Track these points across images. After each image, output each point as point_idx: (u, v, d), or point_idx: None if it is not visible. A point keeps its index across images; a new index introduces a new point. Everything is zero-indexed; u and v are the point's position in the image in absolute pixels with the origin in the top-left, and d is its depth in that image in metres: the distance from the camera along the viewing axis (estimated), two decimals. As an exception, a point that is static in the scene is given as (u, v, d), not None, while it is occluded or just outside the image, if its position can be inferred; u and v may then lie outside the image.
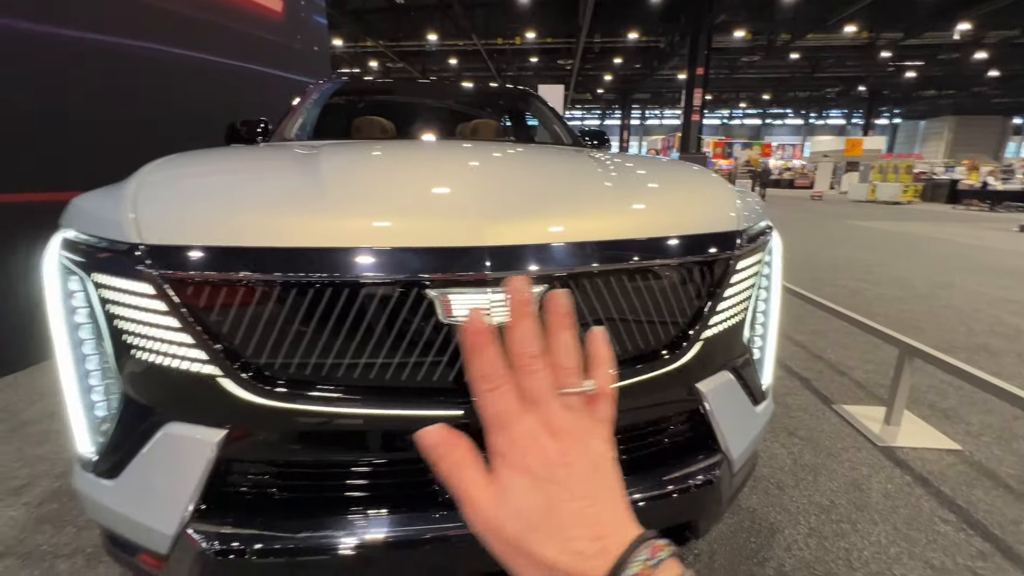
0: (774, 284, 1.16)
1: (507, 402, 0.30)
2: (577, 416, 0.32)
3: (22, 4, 2.57)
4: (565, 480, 0.29)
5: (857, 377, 2.62)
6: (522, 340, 0.31)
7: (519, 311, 0.32)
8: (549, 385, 0.31)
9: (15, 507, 1.56)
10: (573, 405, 0.32)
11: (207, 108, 3.73)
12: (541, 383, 0.31)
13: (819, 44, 19.90)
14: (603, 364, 0.35)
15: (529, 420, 0.30)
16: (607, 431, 0.33)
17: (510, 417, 0.30)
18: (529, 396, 0.31)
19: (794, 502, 1.63)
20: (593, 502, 0.29)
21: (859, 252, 6.68)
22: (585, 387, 0.32)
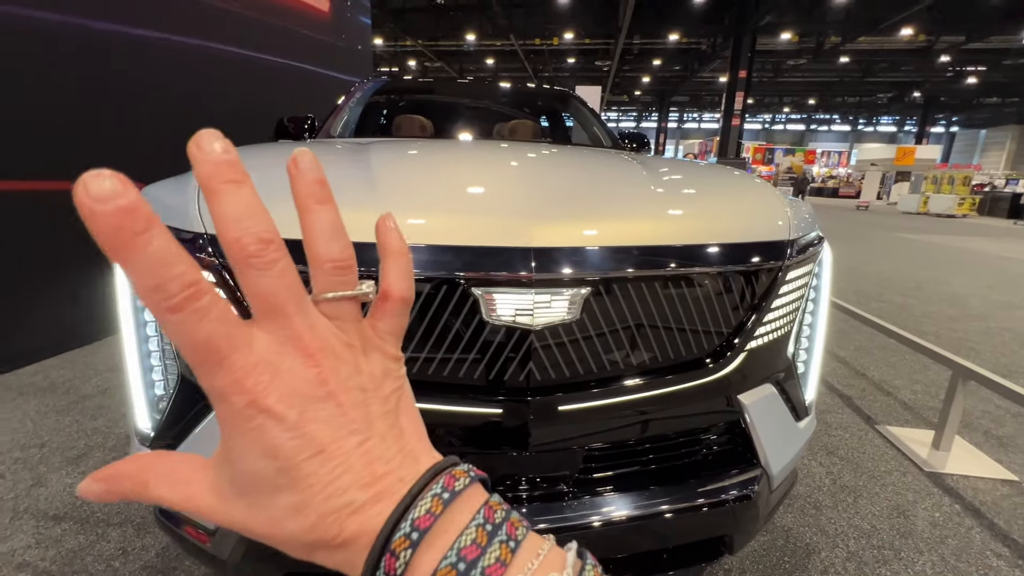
0: (822, 297, 1.12)
1: (218, 322, 0.19)
2: (343, 328, 0.22)
3: (96, 5, 2.74)
4: (324, 417, 0.20)
5: (904, 398, 2.49)
6: (241, 215, 0.19)
7: (226, 175, 0.19)
8: (294, 286, 0.20)
9: (73, 475, 1.66)
10: (339, 314, 0.22)
11: (257, 104, 3.89)
12: (280, 283, 0.20)
13: (871, 47, 19.03)
14: (393, 255, 0.25)
15: (263, 341, 0.20)
16: (393, 345, 0.24)
17: (229, 341, 0.19)
18: (262, 303, 0.20)
19: (832, 524, 1.56)
20: (365, 438, 0.21)
21: (908, 267, 6.36)
22: (360, 290, 0.23)
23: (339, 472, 0.20)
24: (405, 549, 0.19)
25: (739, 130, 17.13)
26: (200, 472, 0.21)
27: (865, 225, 12.34)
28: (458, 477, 0.22)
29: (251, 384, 0.19)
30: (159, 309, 0.18)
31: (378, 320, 0.24)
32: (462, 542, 0.20)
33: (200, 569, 1.29)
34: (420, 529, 0.20)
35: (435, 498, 0.20)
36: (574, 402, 0.84)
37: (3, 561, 1.30)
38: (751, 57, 16.23)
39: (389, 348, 0.24)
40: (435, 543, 0.20)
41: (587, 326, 0.82)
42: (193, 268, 0.18)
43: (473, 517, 0.21)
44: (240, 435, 0.19)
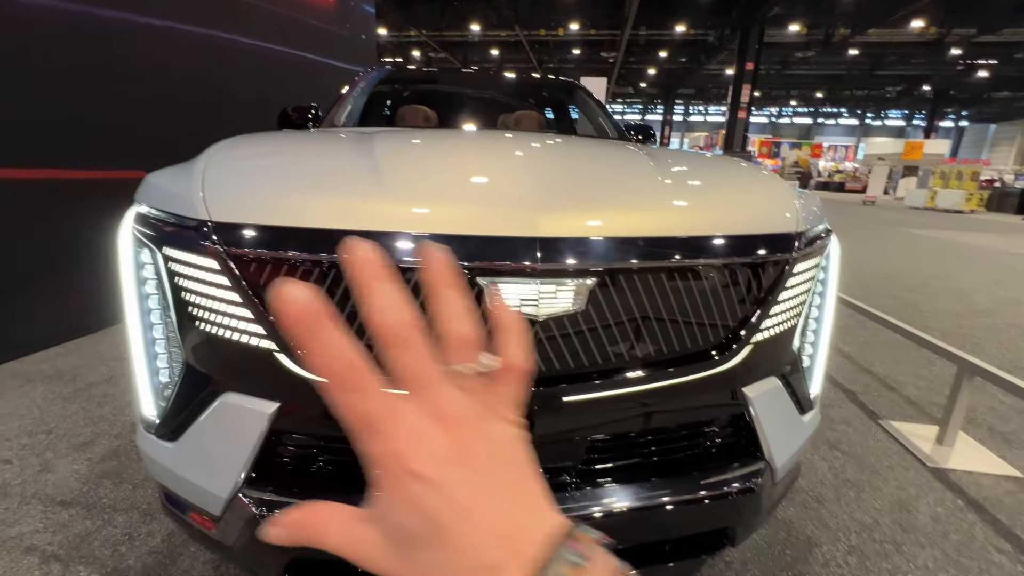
0: (829, 290, 1.12)
1: (374, 399, 0.22)
2: (473, 399, 0.24)
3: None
4: (462, 480, 0.22)
5: (908, 393, 2.49)
6: (387, 307, 0.23)
7: (372, 273, 0.23)
8: (433, 361, 0.23)
9: (79, 462, 1.68)
10: (468, 386, 0.24)
11: (261, 93, 3.87)
12: (421, 359, 0.23)
13: (881, 40, 18.77)
14: (510, 330, 0.27)
15: (408, 412, 0.22)
16: (513, 412, 0.26)
17: (381, 415, 0.22)
18: (405, 379, 0.23)
19: (834, 517, 1.57)
20: (496, 497, 0.23)
21: (914, 262, 6.31)
22: (485, 363, 0.24)
23: (477, 530, 0.22)
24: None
25: (745, 123, 16.97)
26: (364, 525, 0.23)
27: (872, 220, 12.25)
28: (587, 540, 0.23)
29: (403, 451, 0.22)
30: (332, 389, 0.22)
31: (501, 389, 0.26)
32: None
33: (205, 554, 1.31)
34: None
35: (572, 564, 0.22)
36: (578, 393, 0.84)
37: (11, 545, 1.32)
38: (759, 49, 16.02)
39: (511, 415, 0.26)
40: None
41: (592, 317, 0.82)
42: (361, 354, 0.22)
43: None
44: (392, 494, 0.22)
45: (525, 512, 0.23)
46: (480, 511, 0.22)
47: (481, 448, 0.23)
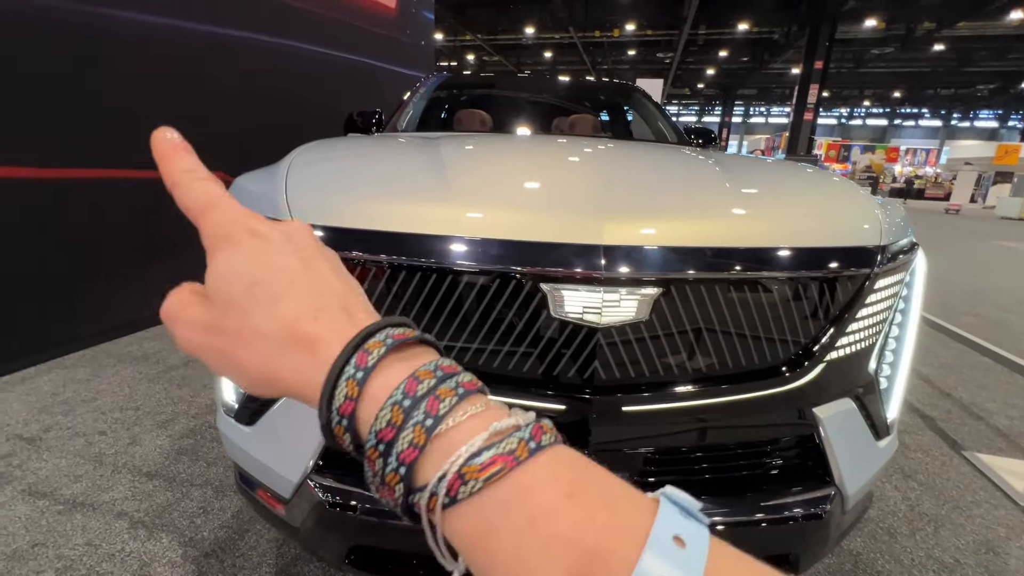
0: (913, 309, 1.04)
1: (212, 187, 0.26)
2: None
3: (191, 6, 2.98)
4: (290, 250, 0.24)
5: (997, 423, 2.26)
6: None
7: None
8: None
9: (162, 438, 1.84)
10: None
11: (329, 98, 4.08)
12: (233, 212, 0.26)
13: (972, 33, 17.13)
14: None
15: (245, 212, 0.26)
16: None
17: (215, 198, 0.25)
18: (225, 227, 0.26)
19: (908, 553, 1.45)
20: (321, 278, 0.24)
21: (1006, 279, 5.71)
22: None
23: (295, 295, 0.23)
24: (379, 349, 0.21)
25: (812, 125, 16.01)
26: (198, 301, 0.25)
27: (956, 230, 11.21)
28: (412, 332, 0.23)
29: (246, 220, 0.25)
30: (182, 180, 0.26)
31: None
32: (440, 360, 0.22)
33: (270, 532, 1.40)
34: (396, 340, 0.22)
35: (407, 329, 0.23)
36: (638, 404, 0.83)
37: (105, 509, 1.47)
38: (829, 47, 15.06)
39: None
40: (408, 357, 0.22)
41: (656, 327, 0.80)
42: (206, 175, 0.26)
43: (443, 357, 0.23)
44: (230, 251, 0.24)
45: (361, 304, 0.24)
46: (302, 281, 0.23)
47: (319, 248, 0.26)
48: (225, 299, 0.23)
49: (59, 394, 2.11)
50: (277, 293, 0.22)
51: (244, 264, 0.23)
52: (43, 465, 1.65)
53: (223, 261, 0.24)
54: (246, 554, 1.33)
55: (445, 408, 0.20)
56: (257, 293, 0.22)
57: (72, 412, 1.98)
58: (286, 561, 1.31)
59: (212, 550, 1.34)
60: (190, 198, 0.25)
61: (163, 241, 2.96)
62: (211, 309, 0.24)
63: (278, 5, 3.63)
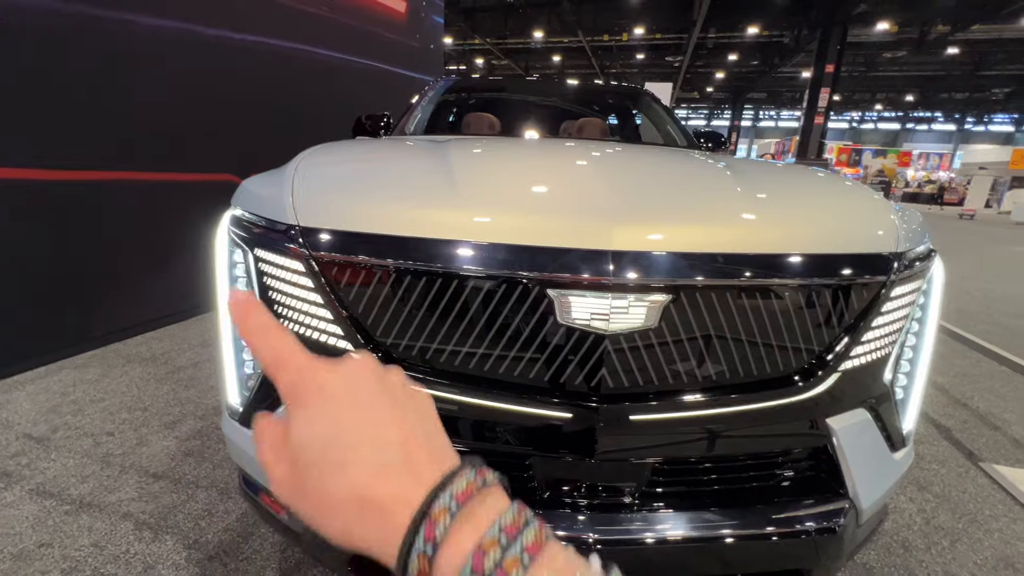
0: (930, 317, 1.01)
1: (299, 362, 0.26)
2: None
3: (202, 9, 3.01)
4: (364, 398, 0.25)
5: (1016, 434, 2.20)
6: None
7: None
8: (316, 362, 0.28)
9: (168, 438, 1.84)
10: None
11: (338, 101, 4.11)
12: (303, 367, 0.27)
13: (987, 37, 16.90)
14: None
15: (320, 366, 0.27)
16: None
17: (284, 354, 0.26)
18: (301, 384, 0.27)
19: (924, 568, 1.41)
20: (392, 427, 0.25)
21: (1023, 286, 5.60)
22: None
23: (371, 436, 0.24)
24: (445, 517, 0.22)
25: (822, 129, 15.86)
26: (284, 445, 0.26)
27: (971, 235, 11.03)
28: (486, 470, 0.24)
29: (319, 378, 0.26)
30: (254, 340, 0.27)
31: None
32: (504, 519, 0.22)
33: (273, 536, 1.39)
34: (460, 503, 0.22)
35: (470, 482, 0.23)
36: (646, 412, 0.81)
37: (112, 510, 1.47)
38: (840, 50, 14.93)
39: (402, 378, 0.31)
40: (473, 519, 0.22)
41: (665, 334, 0.79)
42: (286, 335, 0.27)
43: (509, 506, 0.23)
44: (300, 408, 0.25)
45: (422, 445, 0.25)
46: (387, 422, 0.24)
47: (376, 380, 0.27)
48: (304, 461, 0.24)
49: (68, 394, 2.13)
50: (345, 460, 0.23)
51: (313, 428, 0.25)
52: (51, 465, 1.66)
53: (296, 425, 0.25)
54: (250, 558, 1.32)
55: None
56: (327, 459, 0.24)
57: (81, 412, 1.99)
58: (289, 566, 1.31)
59: (216, 553, 1.33)
60: (263, 355, 0.27)
61: (169, 242, 2.98)
62: (295, 466, 0.25)
63: (289, 9, 3.66)
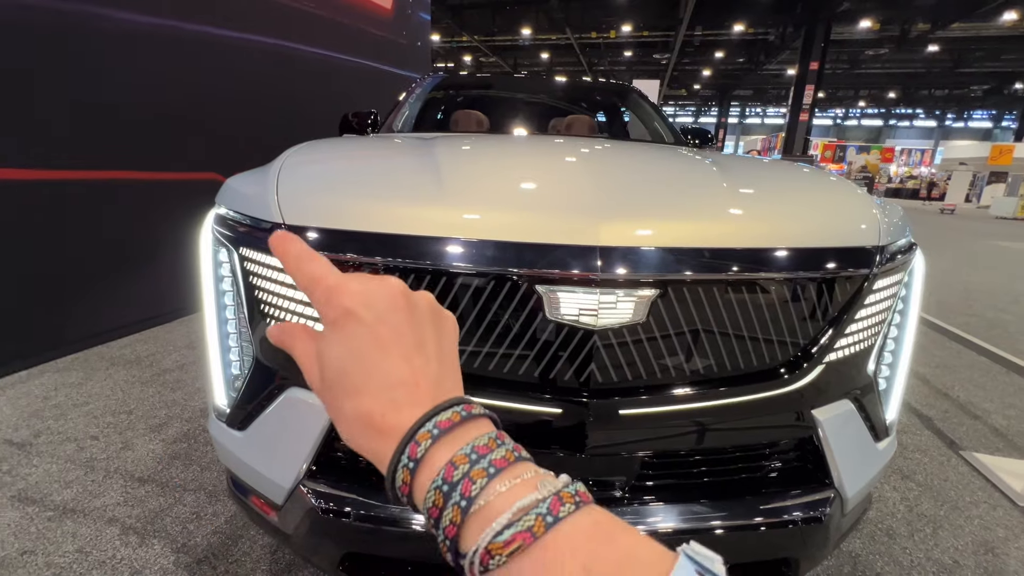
0: (911, 309, 1.03)
1: (315, 268, 0.30)
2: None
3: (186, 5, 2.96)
4: (386, 327, 0.28)
5: (995, 423, 2.26)
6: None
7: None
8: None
9: (155, 442, 1.82)
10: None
11: (325, 99, 4.06)
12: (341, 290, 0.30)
13: (966, 35, 17.23)
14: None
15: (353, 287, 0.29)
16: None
17: (316, 277, 0.29)
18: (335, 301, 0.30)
19: (907, 554, 1.44)
20: (410, 350, 0.28)
21: (1002, 278, 5.73)
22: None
23: (387, 367, 0.27)
24: (427, 440, 0.25)
25: (807, 125, 16.07)
26: (315, 344, 0.30)
27: (952, 230, 11.26)
28: (475, 406, 0.27)
29: (347, 303, 0.28)
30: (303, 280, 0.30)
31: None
32: (478, 442, 0.25)
33: (263, 538, 1.38)
34: (442, 428, 0.25)
35: (455, 412, 0.26)
36: (635, 406, 0.82)
37: (97, 515, 1.45)
38: (824, 48, 15.14)
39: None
40: (451, 442, 0.25)
41: (653, 329, 0.79)
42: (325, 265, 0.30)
43: (487, 432, 0.26)
44: (335, 327, 0.28)
45: (434, 371, 0.28)
46: (397, 353, 0.27)
47: (404, 320, 0.29)
48: (327, 375, 0.28)
49: (50, 398, 2.09)
50: (358, 386, 0.27)
51: (337, 350, 0.28)
52: (33, 471, 1.63)
53: (324, 343, 0.28)
54: (239, 560, 1.31)
55: (476, 490, 0.23)
56: (345, 383, 0.27)
57: (64, 416, 1.95)
58: (280, 567, 1.30)
59: (205, 556, 1.32)
60: (300, 279, 0.30)
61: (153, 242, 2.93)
62: (322, 375, 0.29)
63: (273, 5, 3.61)
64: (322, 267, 0.30)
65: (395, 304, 0.29)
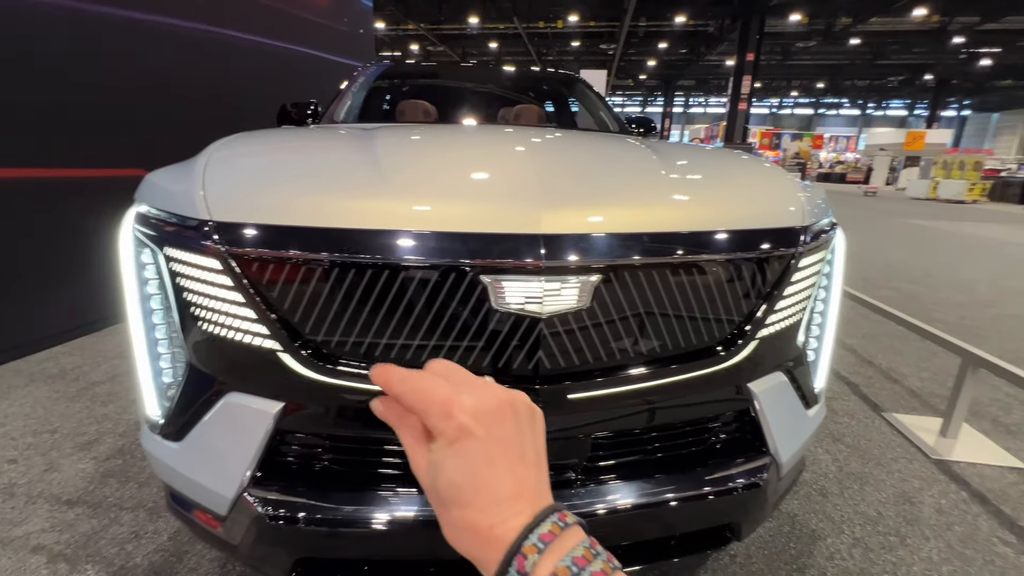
0: (835, 284, 1.11)
1: (423, 387, 0.34)
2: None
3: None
4: (493, 442, 0.32)
5: (911, 385, 2.48)
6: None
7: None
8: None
9: (84, 460, 1.68)
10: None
11: (259, 90, 3.84)
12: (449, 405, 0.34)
13: (883, 29, 18.59)
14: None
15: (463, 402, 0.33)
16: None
17: (428, 397, 0.34)
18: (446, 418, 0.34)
19: (838, 510, 1.57)
20: (514, 464, 0.32)
21: (916, 254, 6.29)
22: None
23: (496, 481, 0.31)
24: (534, 554, 0.28)
25: (746, 115, 16.86)
26: (425, 454, 0.34)
27: (874, 211, 12.21)
28: (568, 515, 0.31)
29: (464, 422, 0.33)
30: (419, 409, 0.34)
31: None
32: (575, 553, 0.28)
33: (212, 552, 1.31)
34: (545, 542, 0.29)
35: (554, 524, 0.30)
36: (584, 390, 0.83)
37: (18, 545, 1.33)
38: (759, 39, 15.88)
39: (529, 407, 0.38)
40: (553, 553, 0.28)
41: (597, 314, 0.81)
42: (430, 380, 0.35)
43: (581, 542, 0.29)
44: (447, 443, 0.32)
45: (533, 480, 0.32)
46: (502, 467, 0.31)
47: (511, 429, 0.33)
48: (440, 486, 0.32)
49: (-42, 422, 1.89)
50: (468, 499, 0.30)
51: (451, 464, 0.31)
52: (-60, 502, 1.47)
53: (440, 457, 0.32)
54: (186, 577, 1.25)
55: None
56: (456, 495, 0.31)
57: (-26, 441, 1.77)
58: (231, 580, 1.24)
59: (147, 577, 1.24)
60: (411, 401, 0.33)
61: (77, 244, 2.70)
62: (433, 482, 0.32)
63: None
64: (428, 382, 0.33)
65: (502, 415, 0.32)
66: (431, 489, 0.32)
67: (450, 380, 0.35)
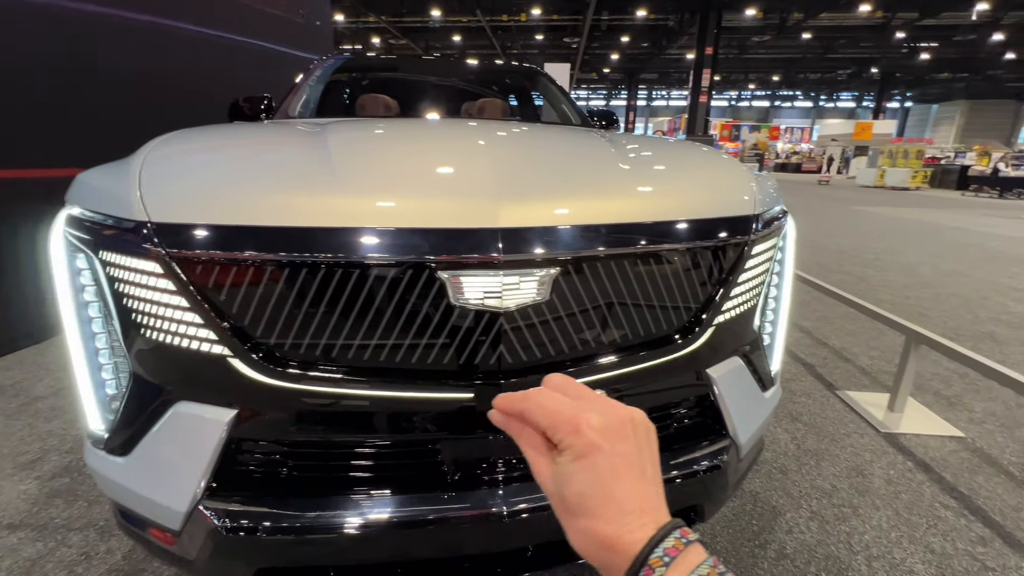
0: (787, 270, 1.15)
1: (548, 404, 0.36)
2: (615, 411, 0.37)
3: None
4: (620, 457, 0.33)
5: (862, 364, 2.62)
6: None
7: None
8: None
9: (27, 481, 1.58)
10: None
11: (210, 83, 3.67)
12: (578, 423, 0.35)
13: (832, 24, 19.39)
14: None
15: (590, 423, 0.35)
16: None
17: (555, 415, 0.35)
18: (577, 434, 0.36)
19: (796, 486, 1.64)
20: (640, 478, 0.34)
21: (866, 239, 6.63)
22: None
23: (623, 494, 0.32)
24: (660, 566, 0.29)
25: (706, 107, 17.30)
26: (551, 465, 0.35)
27: (826, 199, 12.76)
28: (689, 531, 0.32)
29: (594, 439, 0.34)
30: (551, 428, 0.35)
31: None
32: (701, 571, 0.29)
33: (168, 568, 1.26)
34: (670, 556, 0.30)
35: (677, 540, 0.31)
36: (546, 383, 0.84)
37: (-46, 575, 1.24)
38: (717, 34, 16.30)
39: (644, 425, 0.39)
40: (678, 568, 0.29)
41: (557, 306, 0.81)
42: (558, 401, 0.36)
43: (705, 560, 0.30)
44: (576, 456, 0.33)
45: (653, 496, 0.34)
46: (627, 482, 0.33)
47: (631, 446, 0.35)
48: (567, 496, 0.33)
49: None
50: (595, 510, 0.32)
51: (580, 477, 0.33)
52: None
53: (569, 469, 0.33)
54: (143, 596, 1.19)
55: None
56: (583, 505, 0.32)
57: (-100, 466, 1.63)
58: (192, 596, 1.19)
59: (100, 599, 1.18)
60: (539, 421, 0.35)
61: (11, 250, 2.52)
62: (560, 492, 0.34)
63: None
64: (552, 399, 0.35)
65: (624, 433, 0.34)
66: (557, 497, 0.34)
67: (568, 394, 0.36)
